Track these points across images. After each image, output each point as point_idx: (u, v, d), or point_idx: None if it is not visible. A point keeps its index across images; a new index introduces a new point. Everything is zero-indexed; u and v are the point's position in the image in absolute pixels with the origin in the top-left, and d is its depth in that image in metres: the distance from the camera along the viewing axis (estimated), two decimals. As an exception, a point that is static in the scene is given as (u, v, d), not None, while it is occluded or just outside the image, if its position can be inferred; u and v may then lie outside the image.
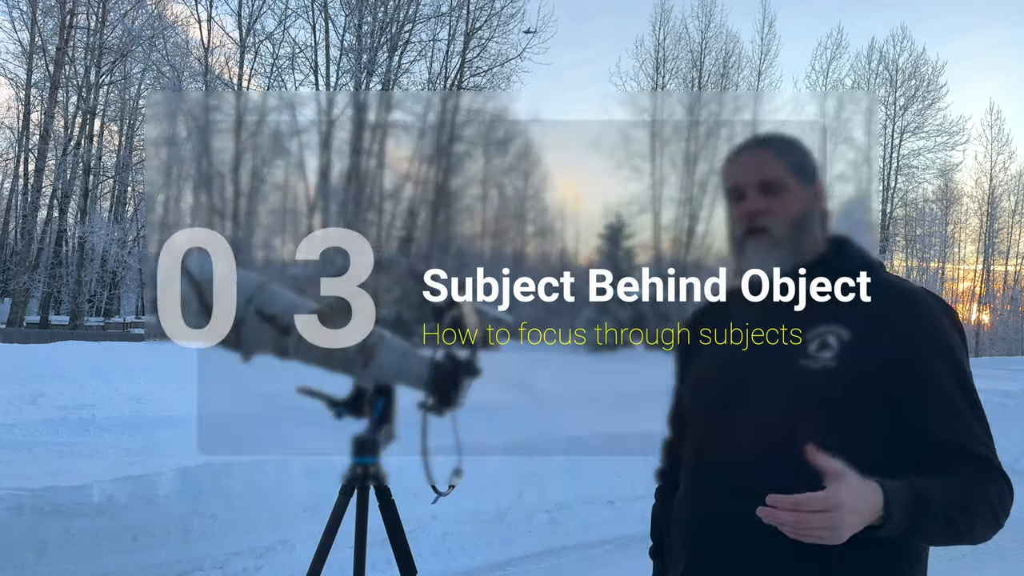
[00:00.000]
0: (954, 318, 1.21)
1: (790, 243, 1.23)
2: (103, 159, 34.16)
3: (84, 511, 3.35)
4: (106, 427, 5.49)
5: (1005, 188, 43.49)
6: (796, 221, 1.23)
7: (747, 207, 1.23)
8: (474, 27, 35.75)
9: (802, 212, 1.24)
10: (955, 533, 1.08)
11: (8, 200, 37.50)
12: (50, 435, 5.16)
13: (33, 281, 30.37)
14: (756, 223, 1.23)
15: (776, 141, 1.30)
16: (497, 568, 4.06)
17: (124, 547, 3.43)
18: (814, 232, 1.26)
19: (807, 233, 1.25)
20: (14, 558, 3.19)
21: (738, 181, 1.26)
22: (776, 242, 1.22)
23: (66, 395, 6.73)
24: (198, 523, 3.63)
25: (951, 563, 4.35)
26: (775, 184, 1.23)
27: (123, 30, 30.26)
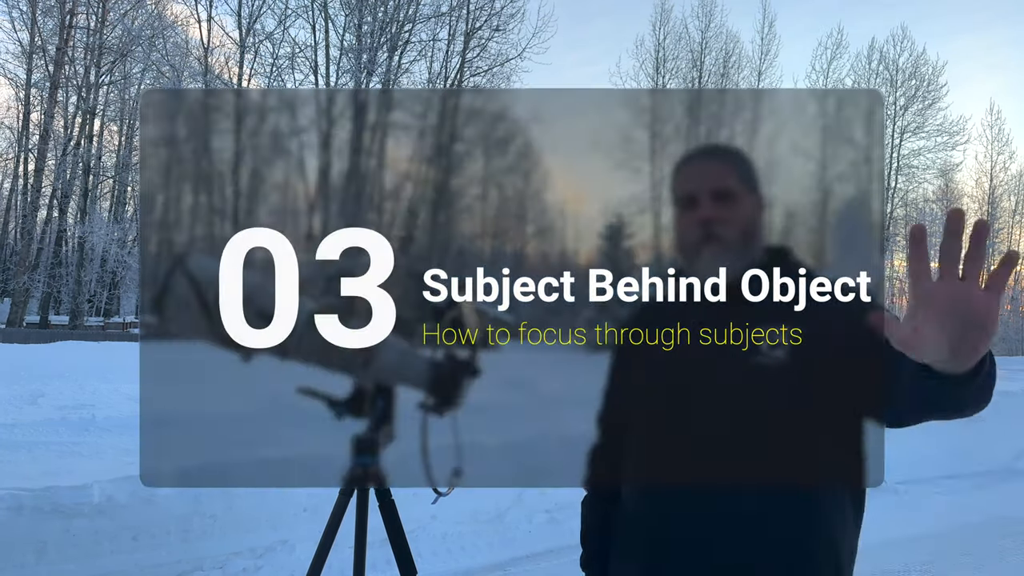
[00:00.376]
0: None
1: (742, 249, 1.28)
2: (103, 159, 34.16)
3: (84, 511, 3.35)
4: (106, 427, 5.49)
5: (1005, 188, 43.46)
6: (746, 228, 1.29)
7: (702, 215, 1.27)
8: (474, 27, 35.76)
9: (752, 219, 1.30)
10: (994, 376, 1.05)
11: (8, 200, 37.50)
12: (50, 435, 5.17)
13: (33, 281, 30.37)
14: (711, 230, 1.27)
15: (726, 151, 1.36)
16: (497, 568, 4.06)
17: (124, 547, 3.43)
18: (760, 239, 1.32)
19: (756, 239, 1.31)
20: (14, 558, 3.19)
21: (691, 189, 1.29)
22: (729, 248, 1.27)
23: (66, 395, 6.74)
24: (198, 523, 3.63)
25: (953, 563, 4.35)
26: (728, 192, 1.28)
27: (123, 30, 30.26)
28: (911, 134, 38.89)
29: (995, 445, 7.48)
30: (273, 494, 3.87)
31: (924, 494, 6.10)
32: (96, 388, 7.27)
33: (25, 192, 31.83)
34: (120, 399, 6.73)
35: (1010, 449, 7.49)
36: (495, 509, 4.57)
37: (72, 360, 9.75)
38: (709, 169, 1.30)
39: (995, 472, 7.10)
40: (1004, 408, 7.92)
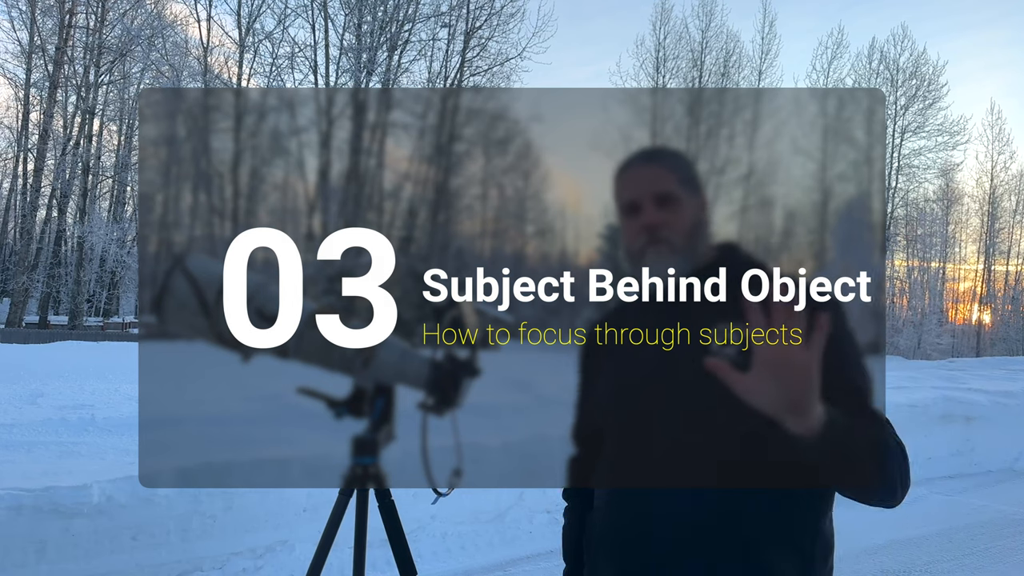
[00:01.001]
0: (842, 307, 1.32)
1: (687, 251, 1.29)
2: (102, 159, 34.15)
3: (84, 511, 3.35)
4: (105, 427, 5.49)
5: (1006, 188, 43.49)
6: (690, 230, 1.30)
7: (646, 221, 1.28)
8: (474, 26, 35.75)
9: (695, 222, 1.31)
10: (879, 456, 1.10)
11: (7, 200, 37.50)
12: (49, 435, 5.16)
13: (32, 281, 30.37)
14: (656, 235, 1.28)
15: (666, 155, 1.35)
16: (497, 568, 4.05)
17: (124, 547, 3.43)
18: (705, 239, 1.34)
19: (700, 240, 1.32)
20: (14, 558, 3.19)
21: (634, 196, 1.30)
22: (674, 251, 1.28)
23: (65, 395, 6.73)
24: (198, 523, 3.62)
25: (954, 563, 4.35)
26: (669, 197, 1.29)
27: (122, 29, 30.25)
28: (911, 134, 38.89)
29: (996, 446, 7.48)
30: (273, 494, 3.87)
31: (925, 494, 6.10)
32: (95, 388, 7.27)
33: (24, 192, 31.82)
34: (119, 399, 6.72)
35: (1011, 450, 7.49)
36: (495, 509, 4.57)
37: (71, 360, 9.75)
38: (650, 174, 1.31)
39: (996, 472, 7.10)
40: (1005, 408, 7.93)
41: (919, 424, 7.23)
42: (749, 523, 1.18)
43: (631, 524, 1.25)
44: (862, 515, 1.80)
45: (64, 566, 3.29)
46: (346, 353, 1.84)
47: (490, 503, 4.54)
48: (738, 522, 1.18)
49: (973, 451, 7.44)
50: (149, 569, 3.46)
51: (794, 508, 1.21)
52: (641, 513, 1.23)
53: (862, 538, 4.55)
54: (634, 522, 1.25)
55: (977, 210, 43.84)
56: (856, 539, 4.42)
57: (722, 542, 1.18)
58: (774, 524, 1.19)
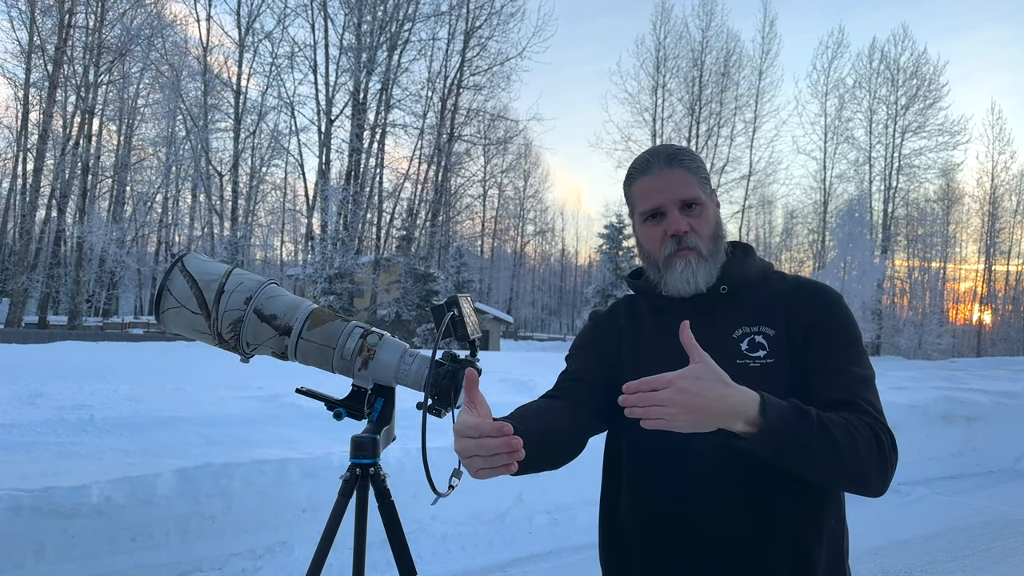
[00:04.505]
0: (844, 302, 1.31)
1: (713, 255, 1.28)
2: (101, 159, 34.15)
3: (83, 512, 3.34)
4: (104, 427, 5.47)
5: (1007, 188, 43.50)
6: (714, 233, 1.29)
7: (675, 228, 1.26)
8: (474, 26, 35.73)
9: (716, 223, 1.30)
10: (835, 450, 1.07)
11: (7, 200, 37.46)
12: (48, 435, 5.15)
13: (31, 281, 30.36)
14: (685, 243, 1.26)
15: (684, 157, 1.31)
16: (497, 569, 4.05)
17: (123, 548, 3.42)
18: (724, 238, 1.33)
19: (721, 241, 1.31)
20: (13, 558, 3.18)
21: (659, 202, 1.27)
22: (702, 257, 1.27)
23: (64, 395, 6.72)
24: (197, 524, 3.61)
25: (954, 564, 4.34)
26: (696, 202, 1.27)
27: (122, 29, 30.24)
28: (912, 133, 38.90)
29: (996, 446, 7.48)
30: (273, 494, 3.86)
31: (926, 495, 6.10)
32: (95, 388, 7.25)
33: (24, 192, 31.80)
34: (119, 399, 6.71)
35: (1011, 450, 7.48)
36: (495, 509, 4.56)
37: (71, 360, 9.74)
38: (673, 179, 1.27)
39: (996, 473, 7.10)
40: (1005, 408, 7.92)
41: (920, 424, 7.23)
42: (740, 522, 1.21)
43: (656, 511, 1.27)
44: (862, 515, 1.79)
45: (63, 567, 3.28)
46: (346, 353, 1.84)
47: (490, 504, 4.53)
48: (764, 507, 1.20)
49: (974, 451, 7.43)
50: (148, 570, 3.45)
51: (788, 510, 1.21)
52: (678, 495, 1.24)
53: (863, 538, 4.54)
54: (661, 507, 1.26)
55: (978, 210, 43.81)
56: (856, 539, 4.40)
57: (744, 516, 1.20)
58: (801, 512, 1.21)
